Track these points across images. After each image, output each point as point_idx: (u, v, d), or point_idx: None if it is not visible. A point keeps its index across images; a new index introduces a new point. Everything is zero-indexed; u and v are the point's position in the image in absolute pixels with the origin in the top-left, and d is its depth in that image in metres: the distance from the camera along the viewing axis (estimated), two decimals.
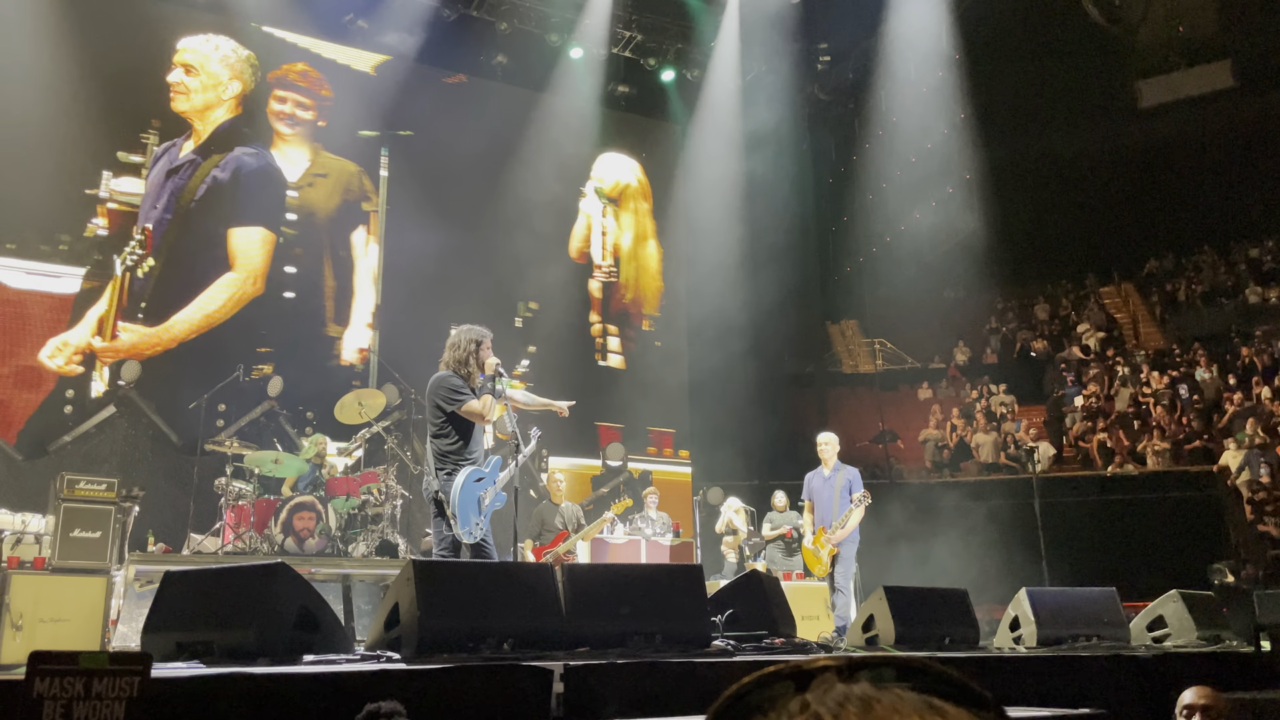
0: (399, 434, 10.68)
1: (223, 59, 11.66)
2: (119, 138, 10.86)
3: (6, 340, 10.05)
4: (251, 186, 11.61)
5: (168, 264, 10.96)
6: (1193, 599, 6.73)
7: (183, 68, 11.40)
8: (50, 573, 6.78)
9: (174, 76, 11.34)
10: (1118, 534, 11.63)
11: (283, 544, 8.13)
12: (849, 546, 7.99)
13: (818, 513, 8.16)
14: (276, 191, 11.78)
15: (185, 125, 11.27)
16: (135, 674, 1.76)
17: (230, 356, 10.47)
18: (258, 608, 3.50)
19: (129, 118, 10.99)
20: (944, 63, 15.22)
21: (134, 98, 11.03)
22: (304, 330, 11.65)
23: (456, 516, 5.33)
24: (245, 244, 11.50)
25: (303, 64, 12.14)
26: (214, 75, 11.57)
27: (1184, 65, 20.07)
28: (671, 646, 4.14)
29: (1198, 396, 14.82)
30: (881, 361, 18.63)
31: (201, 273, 11.17)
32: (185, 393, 9.77)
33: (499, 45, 13.12)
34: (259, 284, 11.45)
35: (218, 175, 11.42)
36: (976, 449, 15.20)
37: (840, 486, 8.02)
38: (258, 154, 11.74)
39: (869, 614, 5.85)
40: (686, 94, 14.54)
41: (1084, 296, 19.52)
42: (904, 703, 0.58)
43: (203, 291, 11.12)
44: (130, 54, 11.03)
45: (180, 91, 11.36)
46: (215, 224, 11.35)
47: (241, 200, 11.53)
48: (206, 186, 11.34)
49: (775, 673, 0.62)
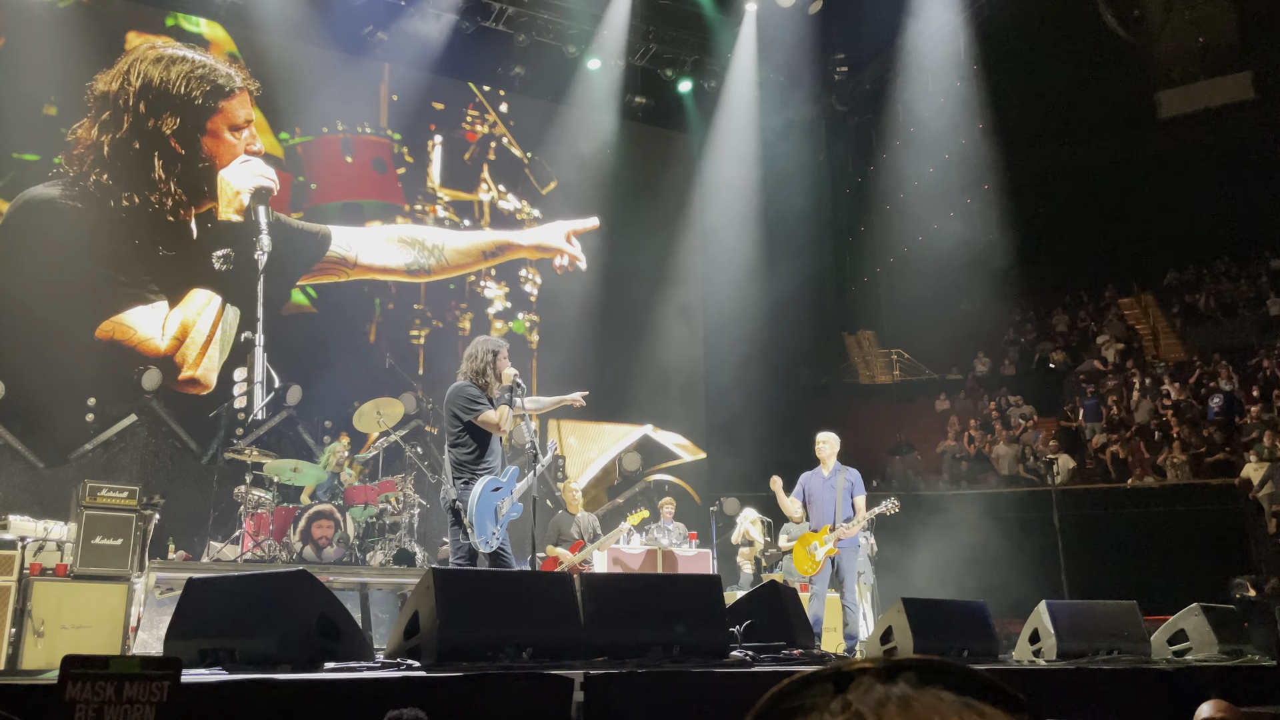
0: (417, 443, 10.73)
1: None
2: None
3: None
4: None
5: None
6: (1214, 613, 6.68)
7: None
8: (72, 580, 6.84)
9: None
10: (1138, 547, 11.53)
11: (301, 552, 8.17)
12: (850, 554, 7.63)
13: (817, 514, 7.77)
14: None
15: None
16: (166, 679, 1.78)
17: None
18: (280, 615, 3.52)
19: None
20: (962, 73, 15.21)
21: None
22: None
23: (473, 525, 5.36)
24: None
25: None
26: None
27: (1204, 76, 20.00)
28: (690, 657, 4.13)
29: (1219, 408, 14.70)
30: (898, 372, 18.58)
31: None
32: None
33: (516, 57, 13.20)
34: None
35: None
36: (996, 460, 15.12)
37: (842, 488, 7.71)
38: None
39: (887, 626, 5.83)
40: (703, 104, 14.57)
41: (1103, 308, 19.41)
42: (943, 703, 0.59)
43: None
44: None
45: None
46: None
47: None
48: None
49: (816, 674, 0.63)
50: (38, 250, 10.19)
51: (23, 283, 10.05)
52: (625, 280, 13.83)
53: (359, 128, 12.47)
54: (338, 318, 11.85)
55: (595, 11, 13.13)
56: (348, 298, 12.00)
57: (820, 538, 7.65)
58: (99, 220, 10.50)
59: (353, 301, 12.03)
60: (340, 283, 11.96)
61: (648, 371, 13.55)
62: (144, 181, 10.76)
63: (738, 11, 13.89)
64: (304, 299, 11.76)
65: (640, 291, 13.85)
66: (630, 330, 13.69)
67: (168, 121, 10.94)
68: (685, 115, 14.72)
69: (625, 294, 13.79)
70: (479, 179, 13.22)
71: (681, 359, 14.09)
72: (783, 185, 14.40)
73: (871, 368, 18.93)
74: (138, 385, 10.41)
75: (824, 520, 7.69)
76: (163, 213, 10.86)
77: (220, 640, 3.60)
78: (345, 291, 12.00)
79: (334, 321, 11.81)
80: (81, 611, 6.77)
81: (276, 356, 11.18)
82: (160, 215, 10.85)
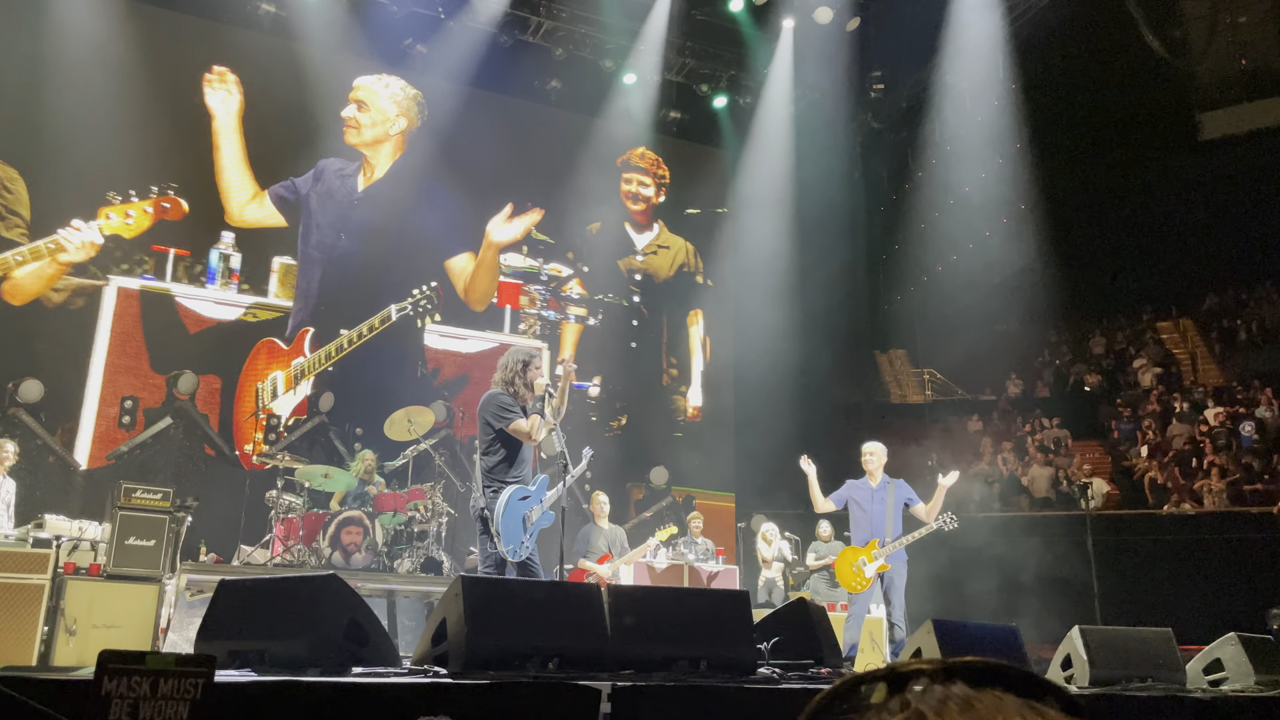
0: (446, 452, 10.78)
1: (391, 96, 12.41)
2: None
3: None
4: (449, 218, 12.52)
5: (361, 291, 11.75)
6: (1251, 643, 6.55)
7: (356, 104, 12.19)
8: (105, 579, 6.93)
9: (347, 111, 12.12)
10: (1173, 574, 11.34)
11: (330, 558, 8.22)
12: (900, 569, 7.34)
13: (865, 526, 7.45)
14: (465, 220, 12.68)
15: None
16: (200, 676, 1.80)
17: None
18: (309, 618, 3.54)
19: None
20: (1000, 92, 15.11)
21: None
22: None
23: (500, 534, 5.36)
24: (460, 270, 12.56)
25: (642, 147, 14.11)
26: (383, 111, 12.34)
27: (1246, 98, 19.73)
28: (716, 672, 4.11)
29: (1258, 435, 14.45)
30: (930, 392, 18.42)
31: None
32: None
33: (554, 71, 13.29)
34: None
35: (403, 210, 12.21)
36: (1030, 483, 14.94)
37: (894, 500, 7.42)
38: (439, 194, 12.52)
39: (916, 647, 5.76)
40: (739, 120, 14.59)
41: (1140, 331, 19.16)
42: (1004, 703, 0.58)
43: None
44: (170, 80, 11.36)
45: (353, 126, 12.13)
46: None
47: (441, 232, 12.44)
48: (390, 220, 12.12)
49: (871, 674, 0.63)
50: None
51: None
52: (657, 294, 13.91)
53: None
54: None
55: (632, 27, 13.20)
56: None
57: (869, 553, 7.37)
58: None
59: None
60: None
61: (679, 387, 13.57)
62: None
63: (774, 28, 13.91)
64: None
65: (672, 306, 13.94)
66: (662, 344, 13.72)
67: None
68: (720, 131, 14.75)
69: (656, 308, 13.85)
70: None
71: (712, 375, 14.08)
72: (817, 202, 14.36)
73: (903, 387, 18.79)
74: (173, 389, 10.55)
75: (873, 534, 7.41)
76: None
77: (251, 642, 3.62)
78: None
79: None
80: (113, 611, 6.85)
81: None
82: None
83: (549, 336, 12.86)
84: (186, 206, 10.97)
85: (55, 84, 10.41)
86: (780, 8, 13.69)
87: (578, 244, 13.33)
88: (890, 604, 7.38)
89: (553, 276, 13.06)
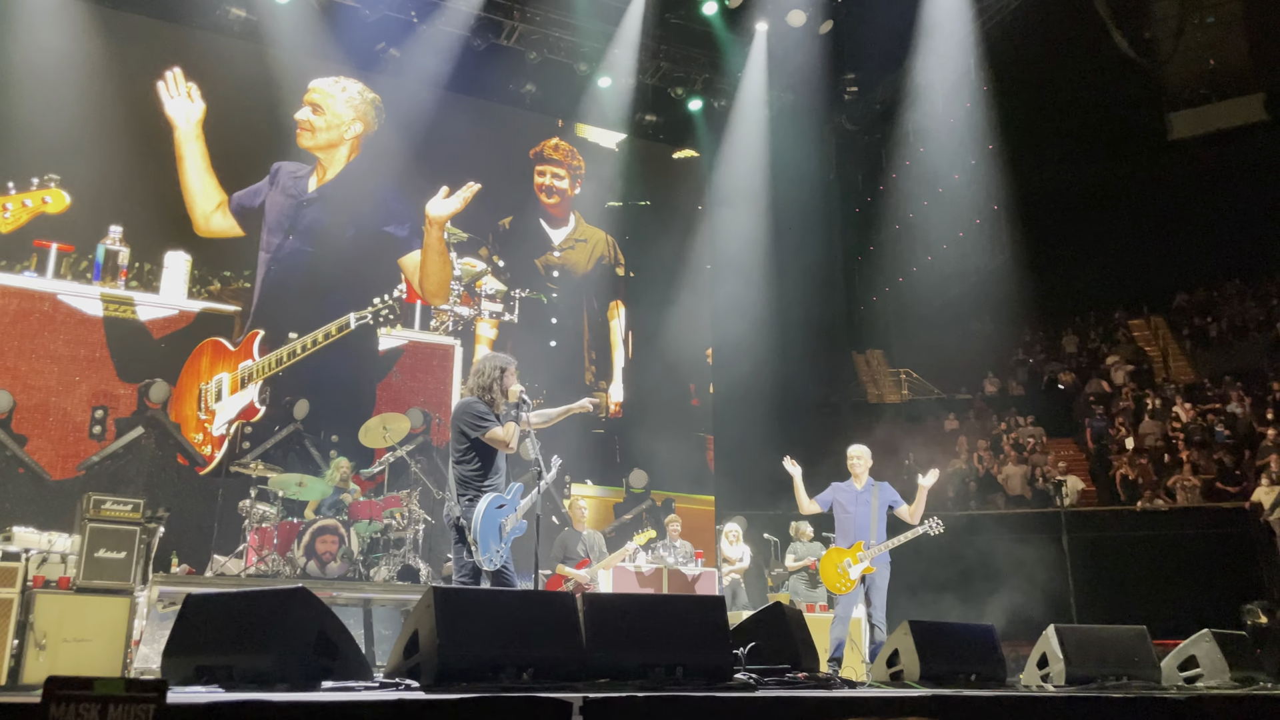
0: (422, 459, 10.71)
1: (348, 100, 12.25)
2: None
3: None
4: (405, 218, 12.41)
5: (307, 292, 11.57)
6: (1225, 639, 6.60)
7: (310, 107, 12.02)
8: (75, 592, 6.82)
9: (301, 114, 11.94)
10: (1147, 570, 11.43)
11: (305, 567, 8.14)
12: (883, 571, 7.45)
13: (850, 529, 7.55)
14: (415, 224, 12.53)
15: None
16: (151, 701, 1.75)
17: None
18: (277, 632, 3.49)
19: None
20: (972, 93, 15.20)
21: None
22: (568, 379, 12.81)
23: (478, 543, 5.32)
24: (414, 265, 12.42)
25: (556, 138, 13.76)
26: (338, 115, 12.18)
27: (1215, 98, 19.96)
28: (693, 679, 4.08)
29: (1229, 431, 14.60)
30: (907, 392, 18.51)
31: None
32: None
33: (528, 74, 13.25)
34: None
35: (352, 213, 12.08)
36: (1005, 481, 15.03)
37: (878, 503, 7.53)
38: (395, 194, 12.40)
39: (894, 648, 5.76)
40: (713, 123, 14.60)
41: (1113, 329, 19.34)
42: None
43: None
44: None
45: (306, 129, 11.95)
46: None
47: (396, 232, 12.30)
48: (339, 221, 11.98)
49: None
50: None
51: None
52: (634, 297, 13.87)
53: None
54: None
55: (607, 30, 13.18)
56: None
57: (854, 554, 7.47)
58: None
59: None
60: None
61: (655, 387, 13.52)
62: None
63: (748, 31, 13.92)
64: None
65: (649, 308, 13.87)
66: (638, 347, 13.68)
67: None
68: (695, 134, 14.75)
69: (634, 311, 13.81)
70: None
71: (689, 376, 14.07)
72: (792, 204, 14.40)
73: (880, 387, 18.87)
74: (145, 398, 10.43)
75: (858, 536, 7.50)
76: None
77: (218, 657, 3.57)
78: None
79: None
80: (83, 625, 6.74)
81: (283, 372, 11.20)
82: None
83: (464, 334, 12.54)
84: (69, 200, 10.47)
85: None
86: (753, 11, 13.70)
87: (491, 239, 13.02)
88: (871, 604, 7.47)
89: (466, 271, 12.81)
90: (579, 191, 13.84)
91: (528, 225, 13.38)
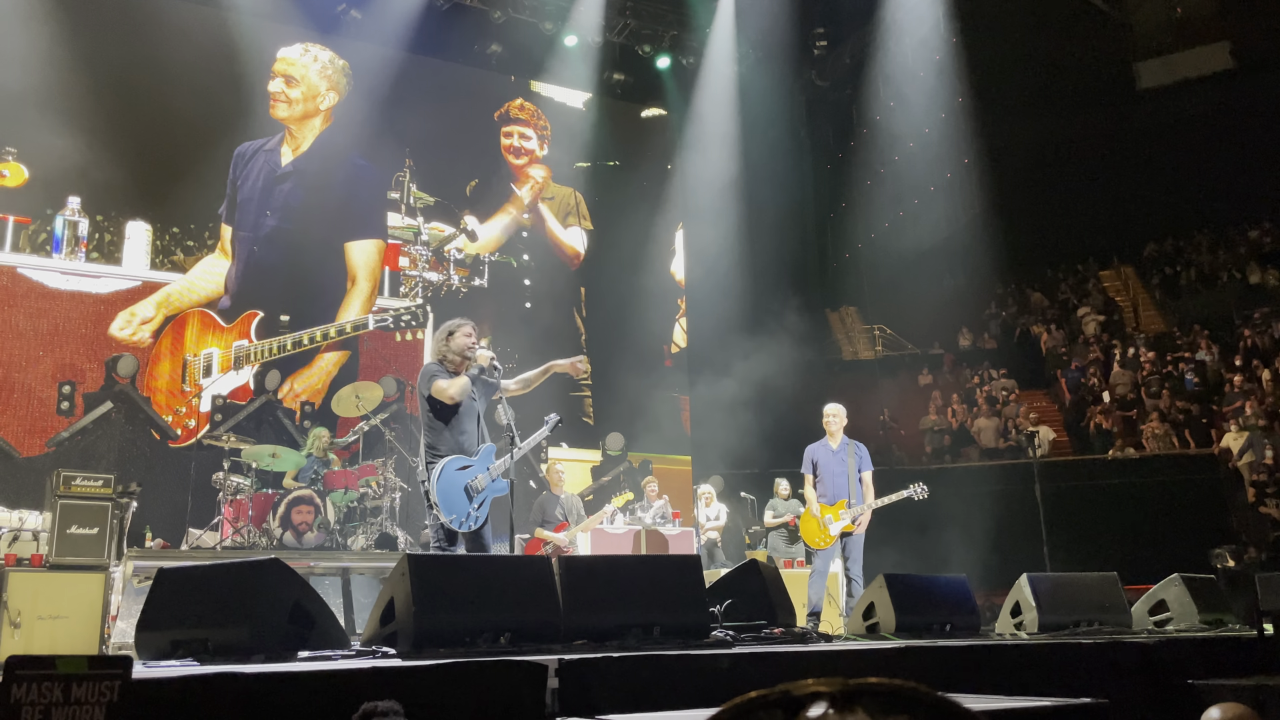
0: (397, 426, 10.66)
1: (321, 71, 12.01)
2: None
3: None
4: (363, 198, 12.13)
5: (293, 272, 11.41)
6: (1195, 583, 6.72)
7: (284, 79, 11.75)
8: (48, 570, 6.75)
9: (274, 86, 11.66)
10: (1118, 518, 11.61)
11: (281, 538, 8.11)
12: (860, 529, 7.57)
13: (829, 487, 7.63)
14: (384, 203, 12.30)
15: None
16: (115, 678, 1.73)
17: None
18: (251, 604, 3.48)
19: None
20: (942, 46, 15.13)
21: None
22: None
23: (438, 504, 5.33)
24: (364, 257, 12.07)
25: (520, 99, 13.51)
26: (314, 87, 11.94)
27: (1182, 47, 19.97)
28: (670, 638, 4.11)
29: (1198, 379, 14.79)
30: (881, 348, 18.58)
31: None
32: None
33: (493, 34, 13.04)
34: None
35: (327, 185, 11.86)
36: (978, 434, 15.17)
37: (853, 462, 7.63)
38: (366, 166, 12.16)
39: (869, 602, 5.84)
40: (682, 81, 14.45)
41: (1083, 280, 19.46)
42: None
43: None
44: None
45: (281, 101, 11.71)
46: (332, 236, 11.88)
47: (355, 213, 12.03)
48: (316, 196, 11.76)
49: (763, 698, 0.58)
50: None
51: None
52: (605, 258, 13.77)
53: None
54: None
55: None
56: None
57: (835, 512, 7.57)
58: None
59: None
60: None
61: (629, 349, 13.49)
62: None
63: None
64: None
65: (620, 268, 13.78)
66: (611, 308, 13.62)
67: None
68: (664, 92, 14.61)
69: (605, 272, 13.73)
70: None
71: (663, 336, 14.05)
72: (763, 161, 14.31)
73: (854, 343, 18.93)
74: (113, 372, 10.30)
75: (837, 495, 7.60)
76: None
77: (193, 631, 3.55)
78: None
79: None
80: (58, 602, 6.69)
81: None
82: None
83: (434, 300, 12.33)
84: (27, 174, 10.17)
85: None
86: None
87: (462, 201, 12.85)
88: (848, 559, 7.57)
89: (434, 236, 12.63)
90: (547, 151, 13.68)
91: (496, 187, 13.23)
